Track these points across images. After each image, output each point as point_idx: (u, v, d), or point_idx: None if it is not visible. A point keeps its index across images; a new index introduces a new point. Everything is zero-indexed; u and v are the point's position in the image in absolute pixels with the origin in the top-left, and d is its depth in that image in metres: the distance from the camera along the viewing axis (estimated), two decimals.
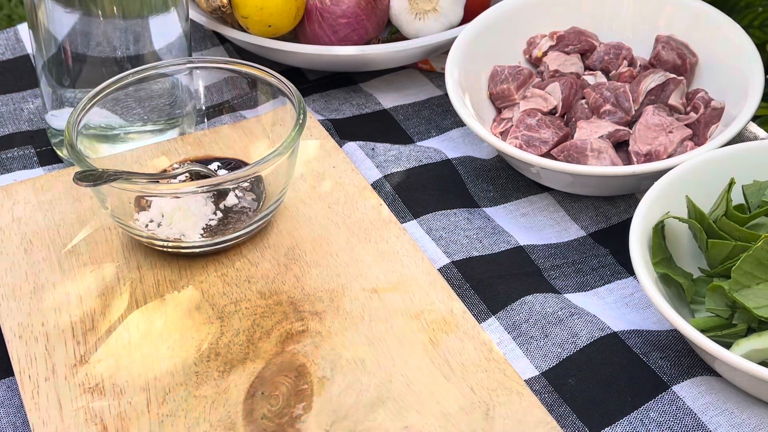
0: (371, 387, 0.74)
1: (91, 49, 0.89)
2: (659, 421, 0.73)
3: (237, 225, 0.84)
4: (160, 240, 0.83)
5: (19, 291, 0.82)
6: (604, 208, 0.91)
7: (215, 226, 0.84)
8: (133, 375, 0.76)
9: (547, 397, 0.75)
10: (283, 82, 0.88)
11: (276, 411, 0.73)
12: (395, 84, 1.06)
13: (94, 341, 0.78)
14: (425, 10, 1.01)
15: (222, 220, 0.84)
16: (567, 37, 0.99)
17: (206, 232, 0.84)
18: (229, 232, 0.84)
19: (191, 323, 0.79)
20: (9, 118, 1.02)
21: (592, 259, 0.87)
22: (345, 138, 0.98)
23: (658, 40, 0.98)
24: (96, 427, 0.73)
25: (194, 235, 0.83)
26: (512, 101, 0.96)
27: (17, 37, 1.11)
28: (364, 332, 0.78)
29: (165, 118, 0.94)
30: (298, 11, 1.00)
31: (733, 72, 0.94)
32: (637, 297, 0.84)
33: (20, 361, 0.77)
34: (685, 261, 0.81)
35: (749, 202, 0.81)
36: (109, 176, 0.79)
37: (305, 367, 0.76)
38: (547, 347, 0.78)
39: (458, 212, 0.90)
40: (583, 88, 0.96)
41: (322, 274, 0.83)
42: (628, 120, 0.92)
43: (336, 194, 0.89)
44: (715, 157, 0.83)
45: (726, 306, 0.75)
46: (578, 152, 0.89)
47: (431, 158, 0.95)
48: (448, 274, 0.84)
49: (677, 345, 0.78)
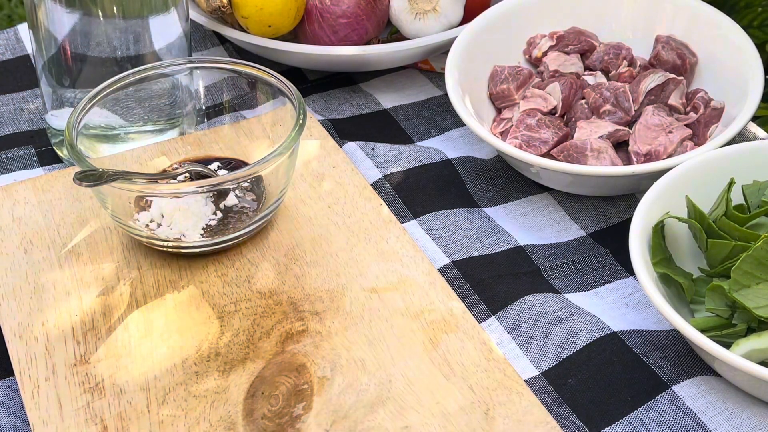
0: (371, 387, 0.74)
1: (91, 49, 0.89)
2: (659, 421, 0.73)
3: (237, 225, 0.84)
4: (160, 240, 0.83)
5: (19, 291, 0.82)
6: (604, 208, 0.91)
7: (215, 226, 0.84)
8: (133, 375, 0.76)
9: (547, 397, 0.75)
10: (283, 82, 0.87)
11: (276, 411, 0.73)
12: (395, 84, 1.06)
13: (94, 341, 0.78)
14: (425, 10, 1.01)
15: (222, 220, 0.84)
16: (567, 37, 0.99)
17: (206, 232, 0.84)
18: (229, 232, 0.84)
19: (191, 323, 0.79)
20: (9, 118, 1.02)
21: (592, 259, 0.87)
22: (345, 138, 0.98)
23: (658, 40, 0.98)
24: (96, 427, 0.72)
25: (194, 235, 0.83)
26: (512, 101, 0.96)
27: (17, 37, 1.11)
28: (364, 332, 0.78)
29: (165, 118, 0.94)
30: (298, 11, 1.00)
31: (733, 72, 0.94)
32: (637, 297, 0.84)
33: (20, 361, 0.77)
34: (685, 261, 0.81)
35: (749, 202, 0.81)
36: (109, 176, 0.79)
37: (305, 367, 0.76)
38: (547, 347, 0.78)
39: (458, 212, 0.90)
40: (583, 88, 0.96)
41: (322, 274, 0.83)
42: (628, 120, 0.92)
43: (336, 194, 0.89)
44: (715, 157, 0.83)
45: (726, 306, 0.75)
46: (578, 152, 0.89)
47: (431, 158, 0.95)
48: (448, 274, 0.84)
49: (677, 345, 0.78)
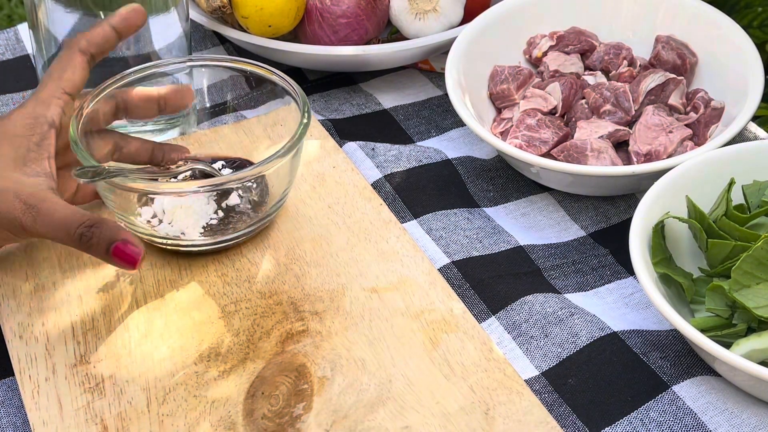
0: (371, 387, 0.74)
1: None
2: (659, 421, 0.73)
3: (238, 225, 0.84)
4: (159, 237, 0.83)
5: (19, 291, 0.82)
6: (604, 208, 0.91)
7: (216, 225, 0.84)
8: (133, 375, 0.76)
9: (547, 397, 0.75)
10: (287, 80, 0.87)
11: (276, 411, 0.73)
12: (395, 84, 1.06)
13: (94, 341, 0.78)
14: (425, 10, 1.01)
15: (223, 219, 0.84)
16: (567, 37, 0.99)
17: (206, 231, 0.83)
18: (229, 232, 0.84)
19: (191, 323, 0.79)
20: None
21: (592, 259, 0.87)
22: (345, 138, 0.98)
23: (658, 40, 0.98)
24: (96, 427, 0.72)
25: (194, 233, 0.83)
26: (512, 101, 0.96)
27: (17, 37, 1.11)
28: (364, 332, 0.78)
29: (165, 118, 0.94)
30: (298, 11, 1.00)
31: (733, 72, 0.94)
32: (637, 297, 0.84)
33: (20, 361, 0.77)
34: (685, 261, 0.81)
35: (749, 202, 0.81)
36: (108, 173, 0.79)
37: (305, 367, 0.76)
38: (547, 347, 0.78)
39: (458, 212, 0.90)
40: (583, 88, 0.96)
41: (322, 274, 0.83)
42: (628, 120, 0.92)
43: (336, 194, 0.89)
44: (715, 157, 0.83)
45: (726, 306, 0.75)
46: (578, 152, 0.89)
47: (431, 158, 0.95)
48: (448, 274, 0.84)
49: (677, 345, 0.78)
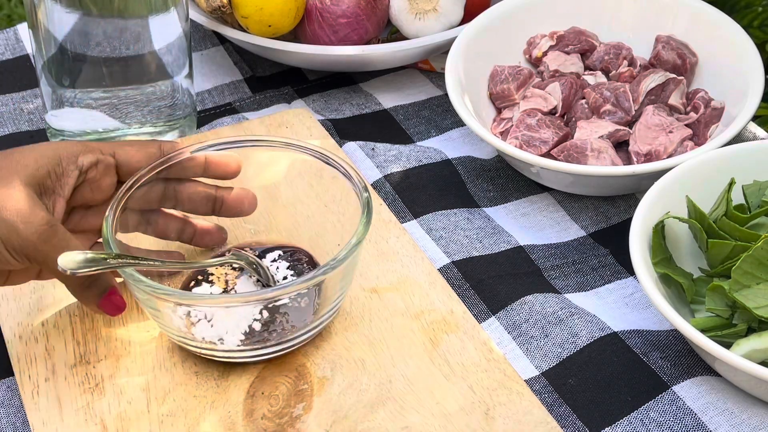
0: (371, 387, 0.74)
1: (91, 49, 0.89)
2: (659, 421, 0.73)
3: (282, 332, 0.74)
4: (193, 342, 0.74)
5: (19, 291, 0.82)
6: (604, 208, 0.91)
7: (259, 331, 0.73)
8: (133, 375, 0.76)
9: (547, 397, 0.75)
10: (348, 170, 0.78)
11: (276, 411, 0.73)
12: (395, 84, 1.06)
13: (94, 341, 0.78)
14: (425, 10, 1.01)
15: (268, 322, 0.74)
16: (567, 37, 0.99)
17: (247, 338, 0.73)
18: (272, 340, 0.73)
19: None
20: (9, 118, 1.02)
21: (592, 259, 0.87)
22: (345, 138, 0.98)
23: (658, 40, 0.98)
24: (96, 427, 0.72)
25: (234, 339, 0.73)
26: (512, 101, 0.96)
27: (17, 37, 1.11)
28: (364, 332, 0.78)
29: (164, 120, 0.94)
30: (298, 11, 1.00)
31: (733, 72, 0.94)
32: (637, 297, 0.84)
33: (20, 361, 0.77)
34: (685, 261, 0.81)
35: (749, 202, 0.81)
36: (120, 263, 0.70)
37: (305, 367, 0.76)
38: (547, 347, 0.78)
39: (458, 212, 0.90)
40: (583, 88, 0.96)
41: None
42: (628, 120, 0.92)
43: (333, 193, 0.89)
44: (715, 157, 0.83)
45: (726, 306, 0.75)
46: (578, 152, 0.89)
47: (431, 158, 0.95)
48: (448, 274, 0.84)
49: (677, 345, 0.78)
